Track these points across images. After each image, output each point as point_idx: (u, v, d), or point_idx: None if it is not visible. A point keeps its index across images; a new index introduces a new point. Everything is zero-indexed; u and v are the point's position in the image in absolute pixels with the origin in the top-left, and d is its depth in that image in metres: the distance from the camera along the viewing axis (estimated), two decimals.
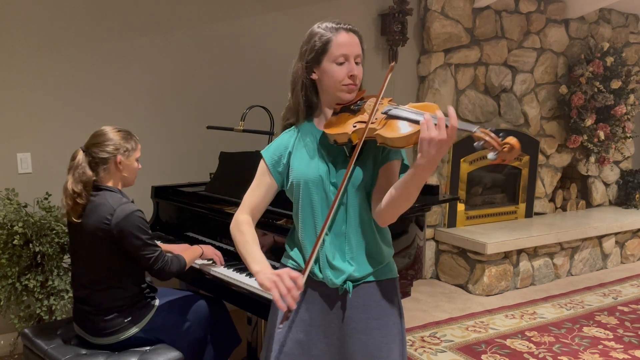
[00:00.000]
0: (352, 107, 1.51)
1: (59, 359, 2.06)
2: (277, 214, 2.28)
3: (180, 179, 3.23)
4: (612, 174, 5.53)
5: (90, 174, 2.05)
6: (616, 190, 5.62)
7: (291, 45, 1.65)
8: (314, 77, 1.52)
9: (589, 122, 4.75)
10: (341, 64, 1.48)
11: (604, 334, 3.43)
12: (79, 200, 2.02)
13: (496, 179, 4.81)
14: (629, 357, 3.11)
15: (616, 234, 4.96)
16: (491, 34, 4.47)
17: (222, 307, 2.43)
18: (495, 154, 1.23)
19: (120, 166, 2.10)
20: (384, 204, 1.43)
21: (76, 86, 3.09)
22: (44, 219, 2.68)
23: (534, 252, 4.41)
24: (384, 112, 1.42)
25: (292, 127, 1.59)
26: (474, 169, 4.57)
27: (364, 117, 1.45)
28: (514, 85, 4.68)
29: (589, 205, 5.46)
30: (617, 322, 3.61)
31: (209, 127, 3.08)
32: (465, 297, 4.11)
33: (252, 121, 2.91)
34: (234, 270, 2.32)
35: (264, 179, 1.58)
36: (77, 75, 3.09)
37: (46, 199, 2.80)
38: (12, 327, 2.87)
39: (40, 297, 2.67)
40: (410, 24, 4.16)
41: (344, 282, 1.51)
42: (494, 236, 4.20)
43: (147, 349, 2.12)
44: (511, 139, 1.22)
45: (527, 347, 3.22)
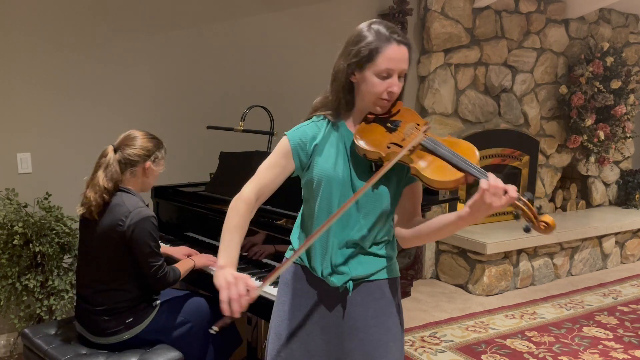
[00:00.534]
0: (388, 124, 1.46)
1: (59, 359, 2.06)
2: (277, 214, 2.28)
3: (180, 179, 3.23)
4: (612, 174, 5.53)
5: (120, 173, 2.08)
6: (616, 190, 5.62)
7: (291, 45, 1.65)
8: (353, 79, 1.46)
9: (589, 122, 4.75)
10: (384, 78, 1.41)
11: (604, 334, 3.43)
12: (105, 196, 2.05)
13: None
14: (629, 357, 3.11)
15: (616, 234, 4.96)
16: (491, 34, 4.47)
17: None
18: (530, 226, 1.28)
19: (147, 172, 2.14)
20: (414, 234, 1.45)
21: (76, 86, 3.09)
22: (44, 219, 2.68)
23: (534, 252, 4.41)
24: (425, 145, 1.38)
25: (322, 117, 1.53)
26: None
27: (399, 140, 1.41)
28: (514, 85, 4.68)
29: (589, 205, 5.46)
30: (617, 322, 3.61)
31: (209, 127, 3.08)
32: (465, 297, 4.11)
33: (252, 121, 2.91)
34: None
35: (282, 160, 1.49)
36: (77, 75, 3.09)
37: (46, 199, 2.81)
38: (12, 327, 2.87)
39: (40, 297, 2.67)
40: (410, 24, 4.16)
41: (345, 282, 1.51)
42: (494, 236, 4.20)
43: (147, 349, 2.12)
44: (548, 218, 1.26)
45: (527, 347, 3.22)
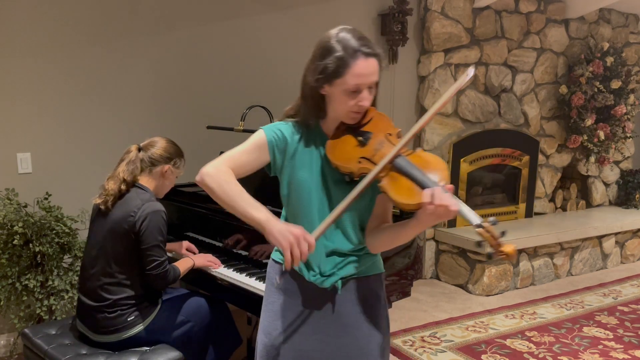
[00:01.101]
0: (359, 136, 1.44)
1: (59, 359, 2.06)
2: (277, 214, 2.28)
3: (180, 179, 3.22)
4: (612, 174, 5.53)
5: (138, 172, 2.17)
6: (616, 190, 5.62)
7: (291, 45, 1.65)
8: (324, 92, 1.43)
9: (589, 122, 4.75)
10: (353, 93, 1.39)
11: (604, 334, 3.43)
12: (123, 187, 2.13)
13: (496, 179, 4.81)
14: (629, 357, 3.11)
15: (616, 234, 4.95)
16: (491, 34, 4.47)
17: (223, 307, 2.44)
18: (492, 253, 1.26)
19: (165, 174, 2.23)
20: (378, 239, 1.48)
21: (76, 86, 3.09)
22: (44, 219, 2.69)
23: (534, 252, 4.41)
24: (393, 163, 1.37)
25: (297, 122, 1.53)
26: (474, 169, 4.57)
27: (370, 154, 1.40)
28: (514, 85, 4.68)
29: (589, 205, 5.46)
30: (617, 322, 3.61)
31: (209, 127, 3.08)
32: (465, 297, 4.11)
33: (252, 121, 2.90)
34: (234, 270, 2.32)
35: (257, 151, 1.48)
36: (77, 75, 3.09)
37: (46, 199, 2.81)
38: (12, 327, 2.87)
39: (40, 297, 2.67)
40: (410, 24, 4.16)
41: (335, 282, 1.52)
42: None
43: (147, 348, 2.12)
44: (508, 248, 1.23)
45: (527, 347, 3.22)
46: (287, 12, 3.67)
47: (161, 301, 2.24)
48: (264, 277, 1.99)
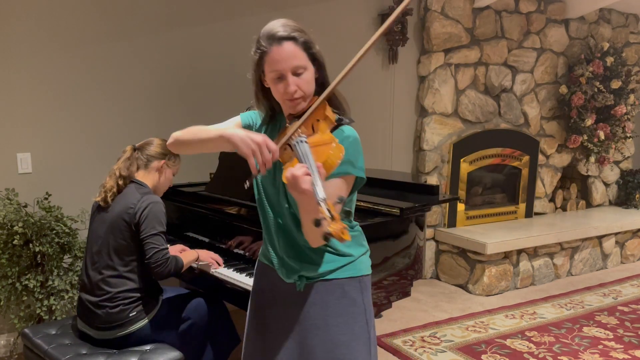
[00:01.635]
0: (288, 123, 1.45)
1: (59, 359, 2.06)
2: None
3: (180, 179, 3.23)
4: (612, 174, 5.53)
5: (134, 168, 2.27)
6: (616, 190, 5.62)
7: None
8: (266, 85, 1.47)
9: (589, 122, 4.75)
10: (278, 79, 1.41)
11: (604, 334, 3.43)
12: (120, 182, 2.20)
13: (496, 179, 4.81)
14: (629, 357, 3.11)
15: (616, 234, 4.96)
16: (491, 34, 4.47)
17: (221, 306, 2.44)
18: (327, 233, 1.15)
19: (161, 170, 2.29)
20: (302, 230, 1.44)
21: (76, 86, 3.09)
22: (44, 219, 2.69)
23: (534, 252, 4.41)
24: (294, 146, 1.34)
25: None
26: (474, 169, 4.57)
27: (279, 140, 1.40)
28: (514, 85, 4.68)
29: (589, 205, 5.46)
30: (617, 322, 3.61)
31: None
32: (465, 297, 4.11)
33: None
34: (234, 270, 2.32)
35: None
36: (77, 75, 3.09)
37: (46, 199, 2.81)
38: (12, 327, 2.87)
39: (40, 297, 2.67)
40: (410, 24, 4.16)
41: (298, 279, 1.52)
42: (494, 236, 4.20)
43: (147, 348, 2.12)
44: (335, 228, 1.13)
45: (527, 347, 3.22)
46: (287, 12, 3.67)
47: (162, 298, 2.26)
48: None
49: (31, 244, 2.62)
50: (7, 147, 2.95)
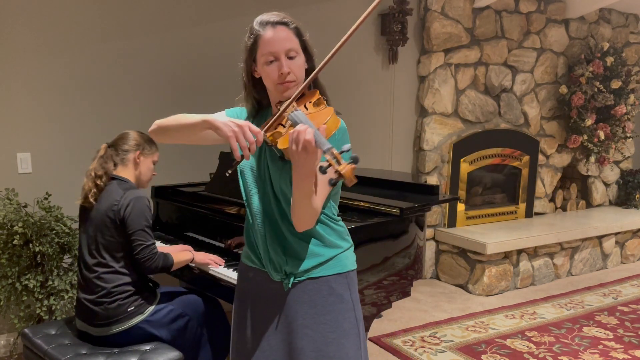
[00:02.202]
0: (278, 106, 1.46)
1: (59, 359, 2.07)
2: None
3: (180, 179, 3.23)
4: (612, 174, 5.53)
5: (110, 165, 2.27)
6: (616, 190, 5.62)
7: None
8: (257, 75, 1.50)
9: (589, 122, 4.75)
10: (272, 63, 1.43)
11: (604, 334, 3.43)
12: (98, 182, 2.21)
13: (496, 179, 4.81)
14: (629, 357, 3.11)
15: (616, 234, 4.96)
16: (491, 34, 4.47)
17: (217, 306, 2.46)
18: (334, 180, 1.19)
19: (138, 160, 2.30)
20: (291, 211, 1.44)
21: (76, 86, 3.09)
22: (44, 219, 2.68)
23: (534, 252, 4.41)
24: (289, 118, 1.37)
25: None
26: (474, 169, 4.57)
27: (281, 119, 1.41)
28: (514, 85, 4.68)
29: (589, 205, 5.46)
30: (617, 322, 3.61)
31: None
32: (465, 297, 4.11)
33: None
34: (233, 270, 2.32)
35: None
36: (77, 75, 3.09)
37: (46, 199, 2.81)
38: (12, 327, 2.87)
39: (40, 297, 2.67)
40: (410, 24, 4.16)
41: (285, 277, 1.51)
42: (494, 236, 4.20)
43: (147, 348, 2.12)
44: (344, 167, 1.16)
45: (527, 347, 3.22)
46: (287, 12, 3.66)
47: (159, 294, 2.27)
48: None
49: (31, 244, 2.62)
50: (7, 147, 2.95)
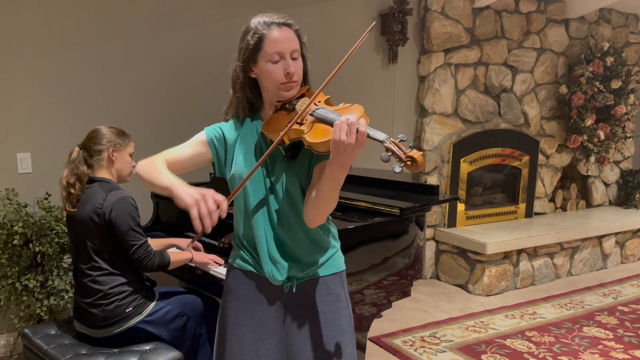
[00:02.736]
0: (288, 105, 1.47)
1: (59, 359, 2.06)
2: None
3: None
4: (612, 174, 5.53)
5: (84, 168, 2.21)
6: (616, 190, 5.62)
7: None
8: (253, 75, 1.49)
9: (589, 122, 4.75)
10: (277, 62, 1.44)
11: (604, 334, 3.43)
12: (72, 190, 2.17)
13: (496, 179, 4.81)
14: (629, 357, 3.11)
15: (616, 234, 4.96)
16: (491, 34, 4.47)
17: (217, 305, 2.45)
18: (400, 166, 1.22)
19: (113, 157, 2.25)
20: (307, 205, 1.43)
21: (76, 86, 3.09)
22: (44, 219, 2.68)
23: (534, 252, 4.41)
24: (312, 114, 1.39)
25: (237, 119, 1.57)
26: (474, 169, 4.57)
27: (295, 115, 1.42)
28: (514, 85, 4.68)
29: (589, 205, 5.46)
30: (617, 322, 3.61)
31: None
32: (465, 297, 4.11)
33: None
34: None
35: (198, 146, 1.54)
36: (77, 75, 3.09)
37: (46, 199, 2.80)
38: (12, 327, 2.87)
39: (40, 297, 2.67)
40: (410, 24, 4.16)
41: (287, 280, 1.51)
42: (494, 236, 4.20)
43: (147, 348, 2.12)
44: (415, 153, 1.21)
45: (527, 347, 3.22)
46: (287, 12, 3.64)
47: (158, 294, 2.27)
48: None
49: (31, 244, 2.62)
50: (7, 147, 2.95)
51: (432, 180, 4.36)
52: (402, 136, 1.24)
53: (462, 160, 4.46)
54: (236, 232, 1.60)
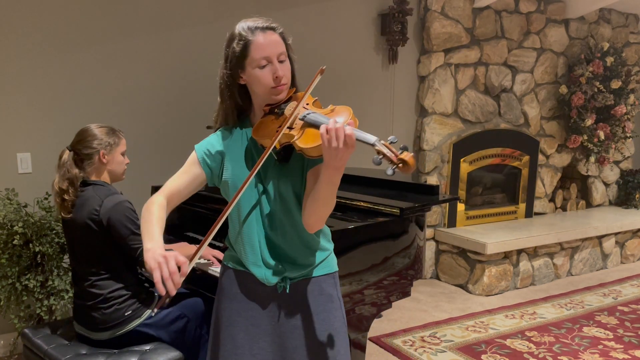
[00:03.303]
0: (277, 110, 1.47)
1: (59, 359, 2.06)
2: None
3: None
4: (612, 174, 5.53)
5: (75, 171, 2.15)
6: (616, 190, 5.62)
7: (291, 44, 1.65)
8: (242, 81, 1.49)
9: (589, 122, 4.75)
10: (264, 67, 1.44)
11: (604, 334, 3.43)
12: (66, 197, 2.11)
13: (496, 179, 4.81)
14: (629, 357, 3.11)
15: (616, 234, 4.96)
16: (491, 34, 4.47)
17: None
18: (392, 169, 1.23)
19: (104, 160, 2.19)
20: (306, 211, 1.44)
21: (76, 86, 3.09)
22: (44, 219, 2.68)
23: (534, 252, 4.41)
24: (302, 118, 1.39)
25: (227, 127, 1.57)
26: (474, 169, 4.57)
27: (284, 121, 1.42)
28: (514, 85, 4.68)
29: (589, 205, 5.47)
30: (617, 322, 3.61)
31: (208, 127, 3.07)
32: (465, 297, 4.11)
33: None
34: None
35: (192, 168, 1.54)
36: (77, 75, 3.09)
37: (46, 199, 2.80)
38: (12, 327, 2.87)
39: (40, 297, 2.67)
40: (410, 24, 4.16)
41: (281, 280, 1.52)
42: (494, 236, 4.20)
43: (147, 348, 2.12)
44: (406, 155, 1.22)
45: (527, 347, 3.22)
46: (287, 12, 3.67)
47: (157, 296, 2.25)
48: None
49: (31, 244, 2.62)
50: (7, 147, 2.95)
51: (432, 180, 4.36)
52: (393, 138, 1.25)
53: (462, 160, 4.46)
54: (229, 234, 1.61)
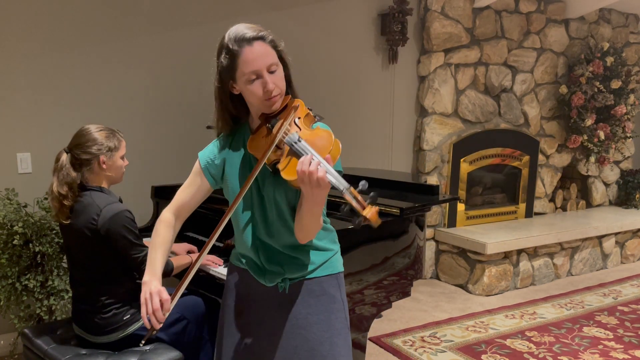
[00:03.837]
0: (269, 124, 1.45)
1: (59, 359, 2.06)
2: None
3: (180, 179, 3.21)
4: (612, 174, 5.53)
5: (74, 175, 2.08)
6: (616, 190, 5.62)
7: (291, 45, 1.65)
8: (236, 92, 1.47)
9: (589, 122, 4.75)
10: (254, 80, 1.41)
11: (604, 334, 3.43)
12: (65, 202, 2.06)
13: (496, 179, 4.81)
14: (629, 357, 3.11)
15: (616, 234, 4.96)
16: (491, 34, 4.47)
17: (217, 306, 2.44)
18: (357, 220, 1.23)
19: (104, 166, 2.12)
20: (295, 227, 1.47)
21: (76, 86, 3.09)
22: (44, 219, 2.68)
23: (534, 252, 4.41)
24: (289, 144, 1.38)
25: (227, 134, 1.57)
26: (474, 169, 4.57)
27: (272, 141, 1.41)
28: (514, 85, 4.68)
29: (589, 205, 5.46)
30: (617, 322, 3.61)
31: (208, 127, 3.06)
32: (465, 297, 4.11)
33: None
34: None
35: (196, 179, 1.58)
36: (77, 75, 3.09)
37: (46, 199, 2.80)
38: (12, 327, 2.87)
39: (40, 297, 2.67)
40: (410, 24, 4.16)
41: (281, 281, 1.53)
42: (494, 236, 4.20)
43: (147, 348, 2.12)
44: (369, 211, 1.21)
45: (527, 347, 3.22)
46: (287, 12, 3.67)
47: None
48: None
49: (31, 244, 2.62)
50: (7, 147, 2.95)
51: (432, 180, 4.36)
52: (363, 184, 1.24)
53: (462, 160, 4.46)
54: (234, 236, 1.63)
